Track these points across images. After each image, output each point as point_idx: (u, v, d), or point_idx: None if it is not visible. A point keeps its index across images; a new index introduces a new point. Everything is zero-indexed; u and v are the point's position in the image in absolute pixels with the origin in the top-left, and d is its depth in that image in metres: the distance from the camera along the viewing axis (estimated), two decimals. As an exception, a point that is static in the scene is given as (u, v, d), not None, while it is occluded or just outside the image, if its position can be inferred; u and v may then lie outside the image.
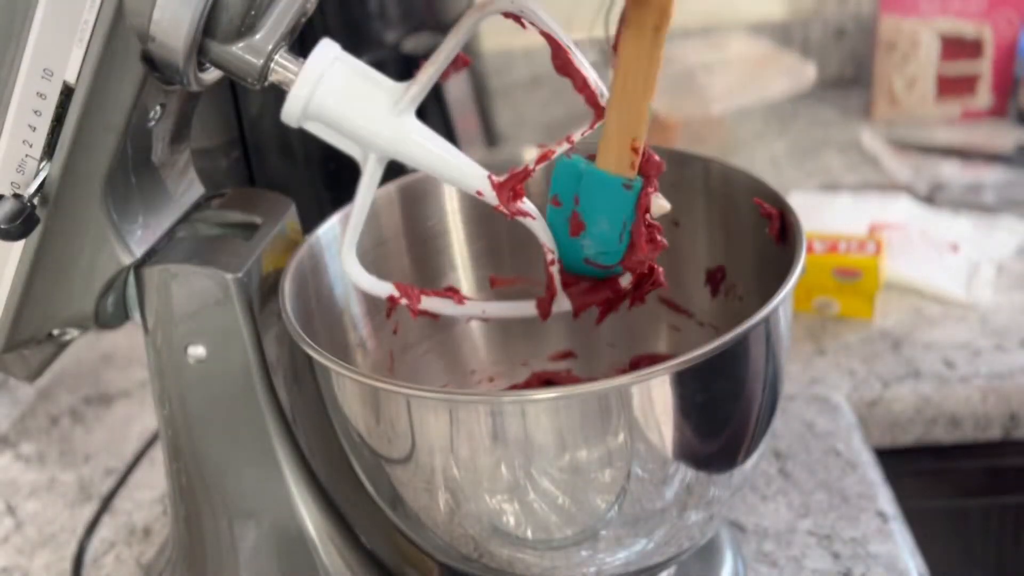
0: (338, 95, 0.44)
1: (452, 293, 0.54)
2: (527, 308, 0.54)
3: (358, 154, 0.47)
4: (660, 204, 0.48)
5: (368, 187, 0.47)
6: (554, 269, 0.52)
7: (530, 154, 0.61)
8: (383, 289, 0.51)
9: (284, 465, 0.56)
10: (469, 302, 0.54)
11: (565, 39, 0.43)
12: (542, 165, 0.47)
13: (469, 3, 0.95)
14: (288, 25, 0.45)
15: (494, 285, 0.63)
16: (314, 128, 0.46)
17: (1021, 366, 0.79)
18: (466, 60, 0.46)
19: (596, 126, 0.45)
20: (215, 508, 0.57)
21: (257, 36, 0.44)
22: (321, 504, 0.57)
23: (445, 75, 0.45)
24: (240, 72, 0.45)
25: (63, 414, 0.86)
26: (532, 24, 0.42)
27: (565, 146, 0.46)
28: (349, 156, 0.47)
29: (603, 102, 0.44)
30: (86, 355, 0.93)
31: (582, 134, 0.46)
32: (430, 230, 0.62)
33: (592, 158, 0.47)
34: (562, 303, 0.53)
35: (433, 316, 0.54)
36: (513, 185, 0.47)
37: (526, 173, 0.47)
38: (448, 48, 0.43)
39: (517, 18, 0.42)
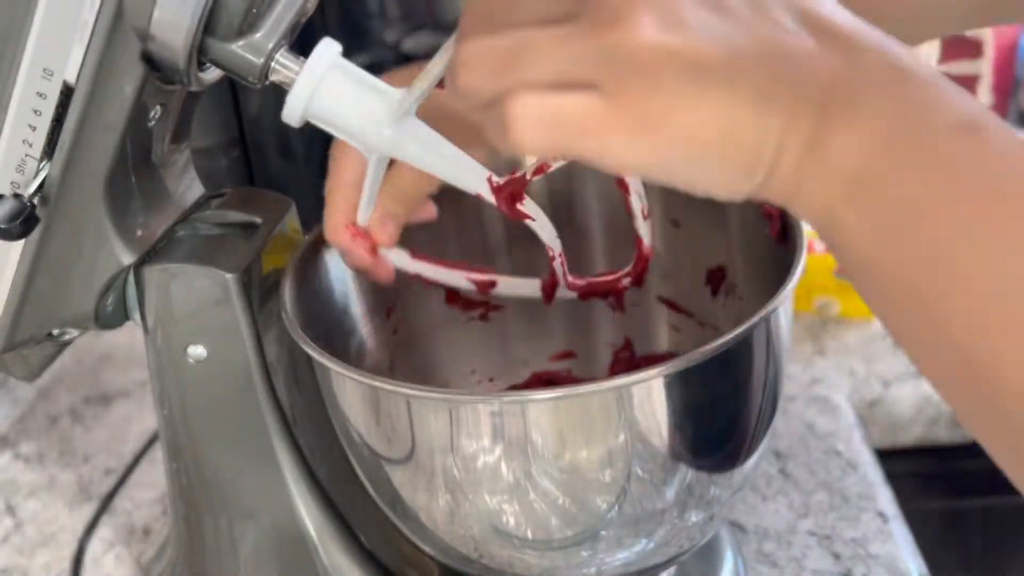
0: (339, 95, 0.44)
1: (463, 265, 0.55)
2: (533, 286, 0.55)
3: (361, 151, 0.47)
4: None
5: (371, 186, 0.47)
6: (556, 264, 0.52)
7: (529, 159, 0.62)
8: (398, 257, 0.53)
9: (284, 465, 0.56)
10: (479, 274, 0.55)
11: None
12: (538, 177, 0.48)
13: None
14: (288, 24, 0.45)
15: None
16: (317, 123, 0.46)
17: (1021, 366, 0.79)
18: None
19: None
20: (215, 508, 0.57)
21: (258, 35, 0.44)
22: (321, 504, 0.57)
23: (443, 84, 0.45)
24: (241, 71, 0.45)
25: (63, 414, 0.85)
26: None
27: (561, 162, 0.47)
28: (349, 156, 0.47)
29: None
30: (86, 355, 0.93)
31: None
32: (429, 230, 0.62)
33: None
34: (565, 291, 0.55)
35: (442, 286, 0.56)
36: (511, 190, 0.48)
37: (523, 181, 0.48)
38: (448, 52, 0.43)
39: None
